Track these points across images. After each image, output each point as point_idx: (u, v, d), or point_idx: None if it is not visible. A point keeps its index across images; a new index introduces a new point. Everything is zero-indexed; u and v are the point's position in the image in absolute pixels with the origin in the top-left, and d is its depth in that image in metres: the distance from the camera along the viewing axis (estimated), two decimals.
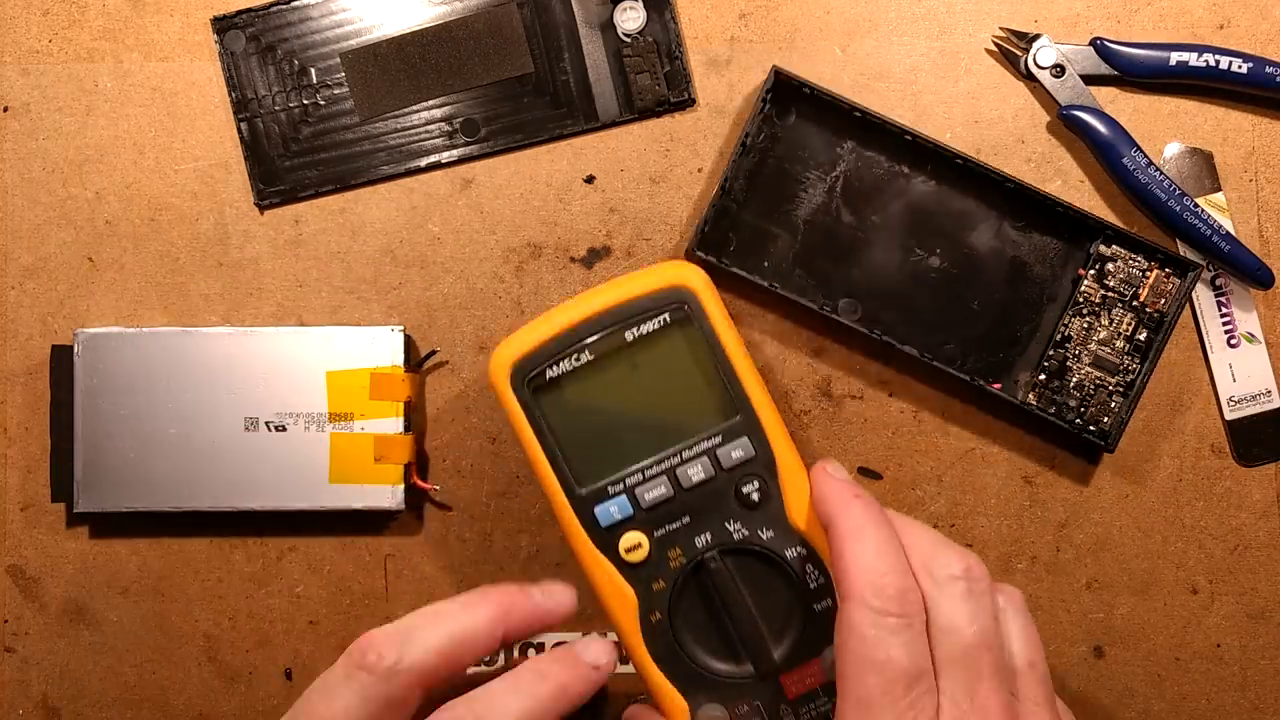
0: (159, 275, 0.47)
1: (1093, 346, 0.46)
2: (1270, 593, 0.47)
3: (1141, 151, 0.46)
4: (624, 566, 0.40)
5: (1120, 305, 0.46)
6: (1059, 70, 0.46)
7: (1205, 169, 0.47)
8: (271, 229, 0.47)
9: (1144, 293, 0.46)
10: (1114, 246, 0.46)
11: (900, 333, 0.46)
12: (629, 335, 0.40)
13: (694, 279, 0.40)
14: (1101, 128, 0.46)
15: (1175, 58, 0.46)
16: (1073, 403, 0.46)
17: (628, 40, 0.47)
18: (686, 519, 0.40)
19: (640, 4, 0.47)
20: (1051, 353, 0.46)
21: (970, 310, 0.46)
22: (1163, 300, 0.46)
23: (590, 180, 0.47)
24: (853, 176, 0.46)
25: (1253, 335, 0.47)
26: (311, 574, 0.47)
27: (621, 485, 0.40)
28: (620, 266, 0.47)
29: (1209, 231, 0.46)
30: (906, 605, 0.35)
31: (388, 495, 0.45)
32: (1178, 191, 0.46)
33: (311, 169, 0.47)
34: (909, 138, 0.45)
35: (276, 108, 0.47)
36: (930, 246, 0.46)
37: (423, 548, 0.47)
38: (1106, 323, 0.46)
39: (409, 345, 0.46)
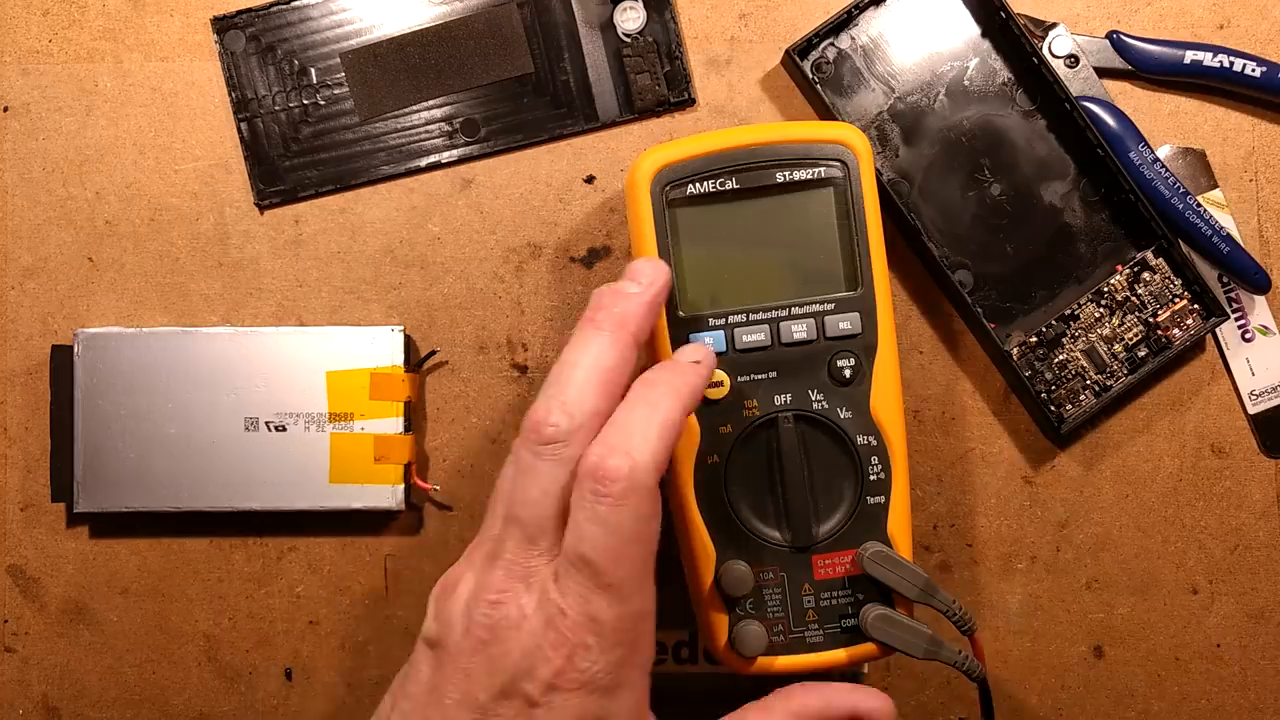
0: (159, 275, 0.47)
1: (1093, 338, 0.46)
2: (1270, 593, 0.47)
3: (1149, 147, 0.46)
4: None
5: (1136, 314, 0.46)
6: (1073, 60, 0.46)
7: (1200, 168, 0.47)
8: (271, 229, 0.47)
9: (1164, 315, 0.46)
10: (1160, 260, 0.46)
11: (930, 232, 0.46)
12: (780, 176, 0.40)
13: (858, 143, 0.40)
14: (1110, 121, 0.46)
15: (1190, 56, 0.46)
16: (1049, 376, 0.46)
17: (628, 40, 0.47)
18: (773, 374, 0.40)
19: (640, 4, 0.47)
20: (1054, 323, 0.46)
21: (1003, 250, 0.46)
22: (1176, 331, 0.46)
23: (590, 180, 0.47)
24: (967, 76, 0.46)
25: (1266, 328, 0.47)
26: (311, 574, 0.47)
27: (723, 321, 0.40)
28: (621, 267, 0.47)
29: (1209, 232, 0.45)
30: None
31: (388, 495, 0.45)
32: (1181, 190, 0.45)
33: (311, 169, 0.47)
34: (1035, 61, 0.45)
35: (276, 108, 0.47)
36: (998, 175, 0.46)
37: (423, 548, 0.47)
38: (1116, 323, 0.46)
39: (409, 345, 0.46)
